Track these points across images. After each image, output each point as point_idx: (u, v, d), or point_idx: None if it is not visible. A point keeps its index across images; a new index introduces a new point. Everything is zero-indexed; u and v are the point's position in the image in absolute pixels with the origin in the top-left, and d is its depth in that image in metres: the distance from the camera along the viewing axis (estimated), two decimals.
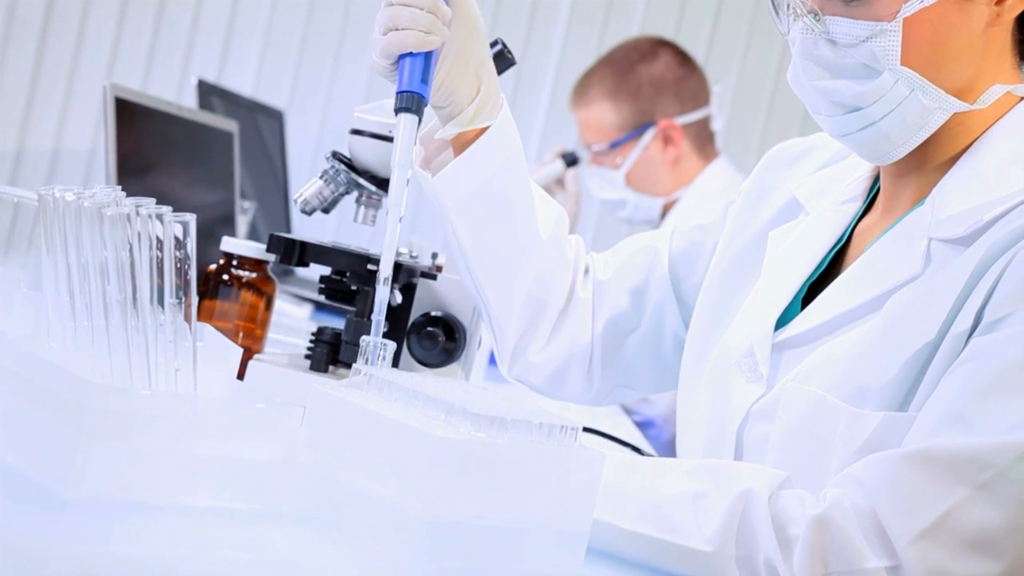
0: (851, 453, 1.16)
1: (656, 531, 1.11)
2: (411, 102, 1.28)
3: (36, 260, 1.12)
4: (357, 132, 1.50)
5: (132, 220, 0.98)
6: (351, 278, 1.48)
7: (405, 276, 1.48)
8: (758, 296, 1.36)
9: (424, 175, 1.36)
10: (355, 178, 1.51)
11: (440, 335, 1.49)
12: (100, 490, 0.91)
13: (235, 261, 1.62)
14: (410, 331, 1.49)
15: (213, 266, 1.63)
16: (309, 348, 1.49)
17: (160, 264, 0.98)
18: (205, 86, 2.98)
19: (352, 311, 1.47)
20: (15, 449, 0.96)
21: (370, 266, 1.45)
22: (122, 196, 1.03)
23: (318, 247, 1.49)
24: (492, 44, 1.43)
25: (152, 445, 0.93)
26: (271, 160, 3.31)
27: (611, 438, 1.65)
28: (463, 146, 1.37)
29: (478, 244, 1.40)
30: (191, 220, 0.97)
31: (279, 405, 1.02)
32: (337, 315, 2.46)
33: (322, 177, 1.52)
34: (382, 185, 1.52)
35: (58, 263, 1.05)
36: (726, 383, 1.32)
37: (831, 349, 1.23)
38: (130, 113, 2.07)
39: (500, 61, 1.43)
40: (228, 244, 1.62)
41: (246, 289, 1.62)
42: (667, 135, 3.01)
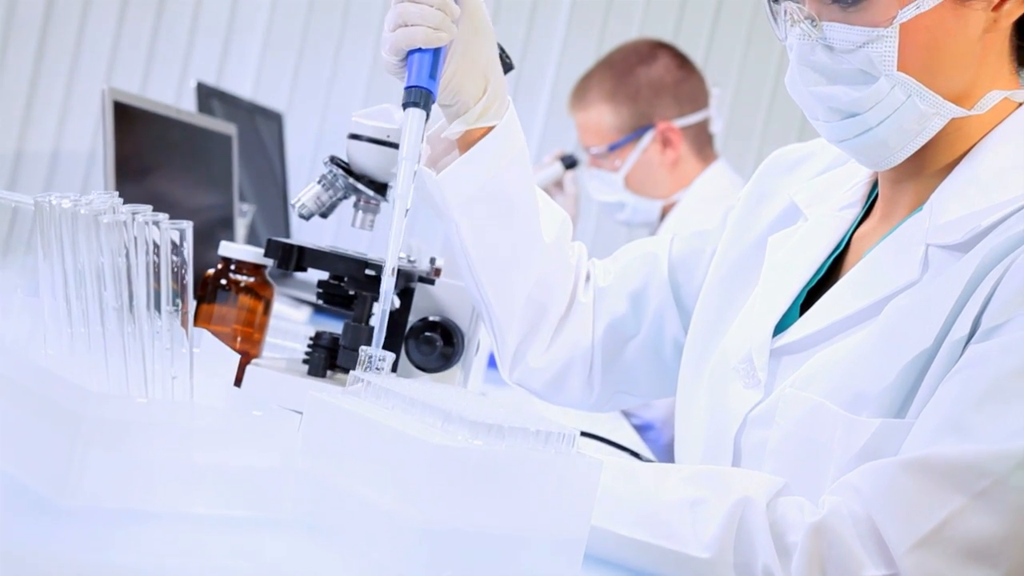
0: (848, 460, 1.16)
1: (654, 538, 1.11)
2: (419, 97, 1.28)
3: (34, 264, 1.12)
4: (355, 137, 1.50)
5: (129, 226, 0.98)
6: (349, 283, 1.48)
7: (403, 281, 1.47)
8: (757, 302, 1.35)
9: (429, 172, 1.36)
10: (353, 183, 1.51)
11: (438, 340, 1.49)
12: (97, 498, 0.91)
13: (233, 265, 1.62)
14: (408, 336, 1.49)
15: (211, 270, 1.63)
16: (307, 353, 1.49)
17: (157, 270, 0.98)
18: (204, 88, 2.98)
19: (350, 316, 1.47)
20: (12, 457, 0.96)
21: (368, 271, 1.45)
22: (119, 203, 1.03)
23: (316, 252, 1.48)
24: None
25: (149, 453, 0.93)
26: (270, 162, 3.31)
27: (609, 443, 1.65)
28: (468, 145, 1.37)
29: (481, 243, 1.40)
30: (188, 227, 0.97)
31: (276, 412, 1.02)
32: (336, 318, 2.46)
33: (320, 182, 1.52)
34: (380, 190, 1.52)
35: (55, 269, 1.05)
36: (724, 388, 1.32)
37: (829, 355, 1.23)
38: (129, 117, 2.07)
39: None
40: (226, 249, 1.62)
41: (244, 293, 1.62)
42: (666, 137, 3.01)
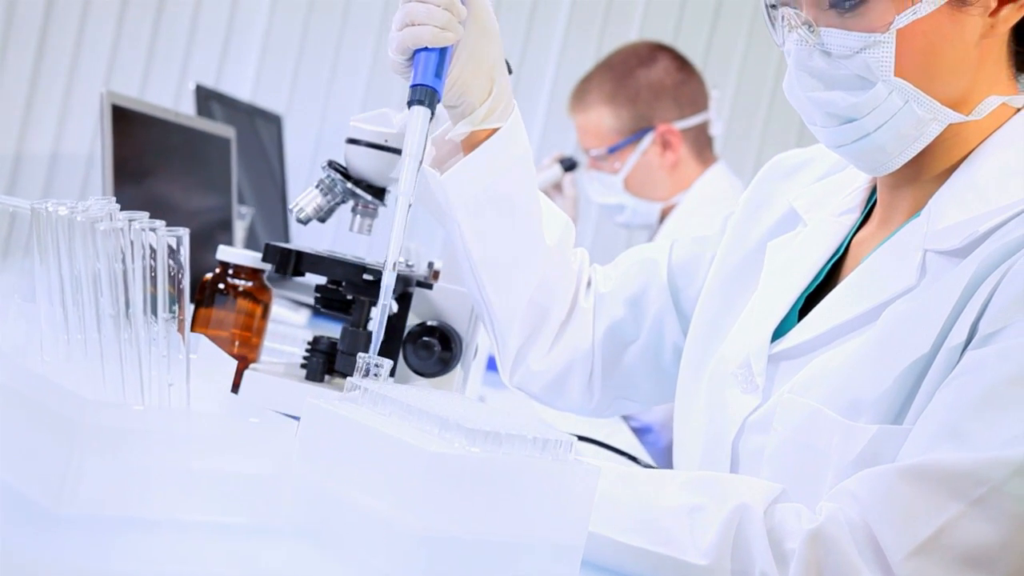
0: (846, 466, 1.16)
1: (652, 544, 1.11)
2: (424, 95, 1.29)
3: (32, 268, 1.12)
4: (353, 141, 1.50)
5: (125, 233, 0.98)
6: (347, 287, 1.48)
7: (401, 286, 1.47)
8: (755, 307, 1.35)
9: (433, 173, 1.36)
10: (351, 188, 1.50)
11: (436, 345, 1.48)
12: (94, 506, 0.91)
13: (231, 270, 1.61)
14: (406, 340, 1.49)
15: (209, 275, 1.62)
16: (305, 357, 1.49)
17: (154, 275, 0.98)
18: (203, 91, 2.98)
19: (348, 320, 1.47)
20: (8, 465, 0.96)
21: (366, 275, 1.44)
22: (116, 209, 1.03)
23: (314, 257, 1.48)
24: None
25: (146, 460, 0.93)
26: (269, 164, 3.31)
27: (607, 447, 1.65)
28: (473, 147, 1.37)
29: (483, 245, 1.40)
30: (185, 234, 0.97)
31: (273, 419, 1.02)
32: (335, 320, 2.46)
33: (318, 187, 1.52)
34: (378, 194, 1.52)
35: (51, 275, 1.05)
36: (722, 394, 1.32)
37: (827, 361, 1.23)
38: (127, 120, 2.07)
39: None
40: (224, 253, 1.62)
41: (242, 298, 1.62)
42: (665, 140, 3.01)
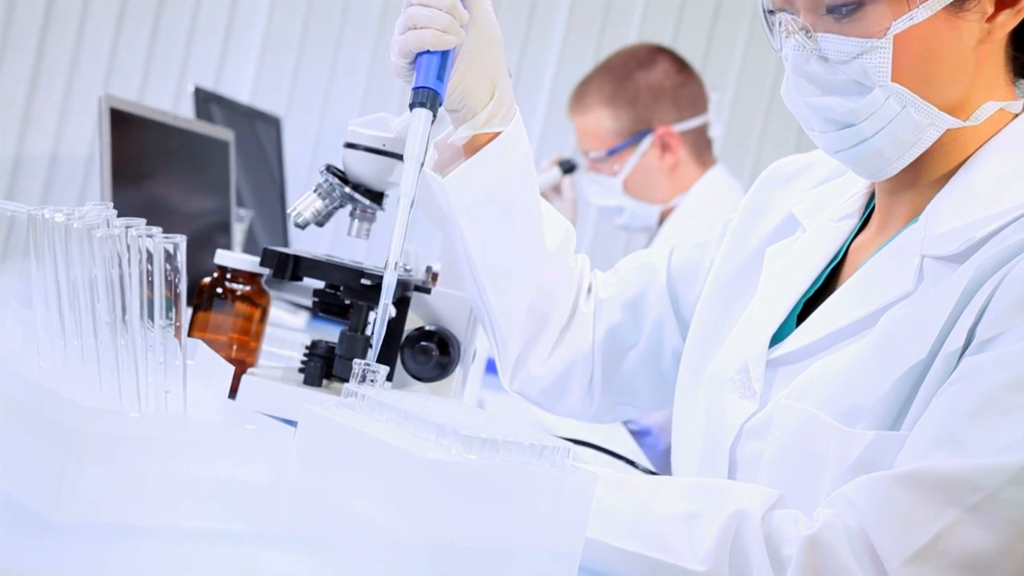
0: (843, 471, 1.16)
1: (650, 550, 1.11)
2: (426, 97, 1.29)
3: (30, 272, 1.12)
4: (351, 146, 1.50)
5: (122, 240, 0.98)
6: (345, 292, 1.48)
7: (399, 290, 1.47)
8: (754, 312, 1.36)
9: (435, 176, 1.37)
10: (349, 192, 1.50)
11: (434, 349, 1.48)
12: (91, 513, 0.91)
13: (229, 274, 1.61)
14: (404, 345, 1.49)
15: (207, 279, 1.62)
16: (303, 362, 1.49)
17: (150, 278, 0.97)
18: (202, 93, 2.98)
19: (346, 324, 1.47)
20: (5, 472, 0.95)
21: (364, 280, 1.44)
22: (113, 215, 1.03)
23: (311, 261, 1.48)
24: None
25: (142, 467, 0.93)
26: (269, 166, 3.31)
27: (605, 451, 1.65)
28: (474, 151, 1.38)
29: (484, 248, 1.40)
30: (182, 241, 0.97)
31: (270, 425, 1.02)
32: (334, 323, 2.45)
33: (316, 191, 1.52)
34: (376, 199, 1.51)
35: (48, 281, 1.05)
36: (720, 399, 1.32)
37: (824, 366, 1.23)
38: (125, 123, 2.07)
39: None
40: (222, 257, 1.62)
41: (240, 302, 1.62)
42: (665, 142, 3.01)
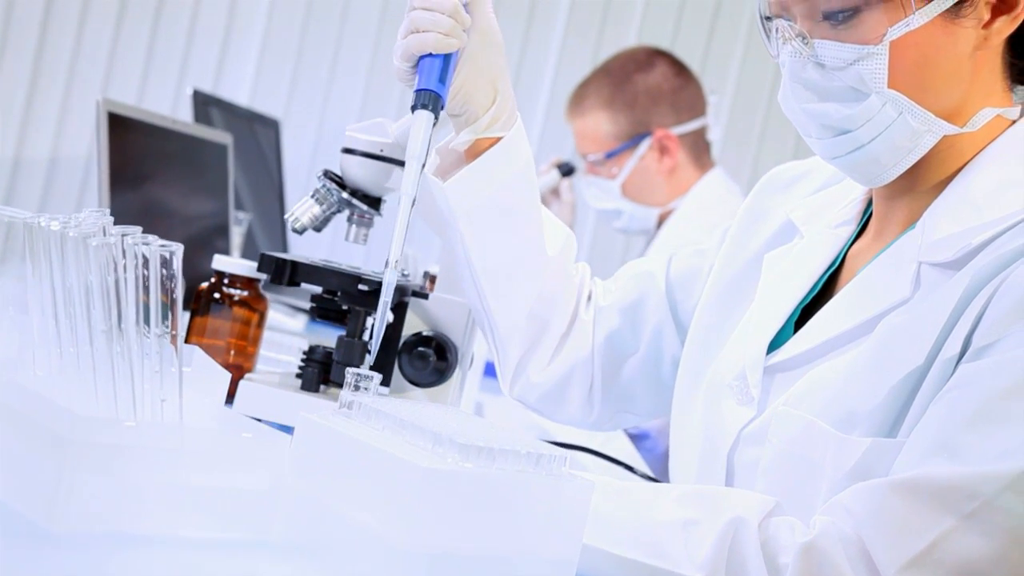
0: (840, 478, 1.16)
1: (647, 557, 1.11)
2: (428, 99, 1.30)
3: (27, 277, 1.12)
4: (348, 151, 1.49)
5: (117, 247, 0.97)
6: (342, 298, 1.48)
7: (397, 295, 1.47)
8: (752, 318, 1.35)
9: (436, 180, 1.37)
10: (347, 197, 1.50)
11: (431, 355, 1.48)
12: (86, 522, 0.91)
13: (227, 279, 1.61)
14: (401, 350, 1.49)
15: (205, 284, 1.62)
16: (300, 367, 1.49)
17: (146, 283, 0.97)
18: (201, 96, 2.97)
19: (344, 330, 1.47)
20: (0, 481, 0.95)
21: (362, 286, 1.44)
22: (109, 222, 1.03)
23: (309, 267, 1.48)
24: None
25: (138, 477, 0.93)
26: (268, 169, 3.31)
27: (603, 456, 1.65)
28: (476, 156, 1.38)
29: (484, 253, 1.40)
30: (178, 249, 0.97)
31: (266, 433, 1.02)
32: (333, 326, 2.45)
33: (314, 196, 1.52)
34: (374, 204, 1.51)
35: (43, 287, 1.05)
36: (718, 405, 1.32)
37: (821, 373, 1.23)
38: (123, 127, 2.07)
39: None
40: (219, 262, 1.62)
41: (238, 307, 1.62)
42: (663, 145, 3.01)
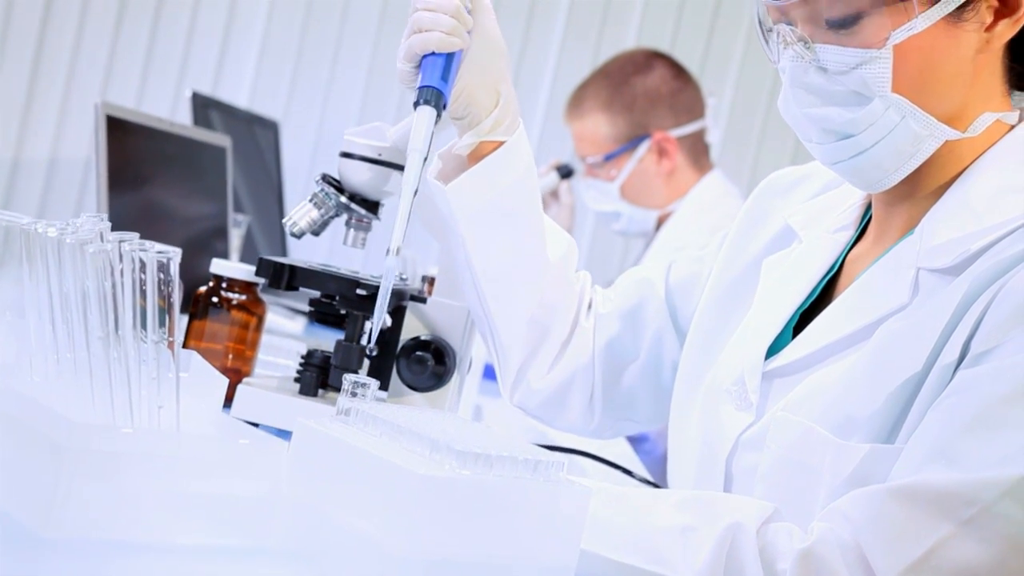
0: (838, 484, 1.16)
1: (645, 563, 1.10)
2: (430, 96, 1.30)
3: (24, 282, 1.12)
4: (347, 155, 1.49)
5: (114, 254, 0.97)
6: (340, 302, 1.47)
7: (395, 300, 1.47)
8: (750, 324, 1.35)
9: (437, 184, 1.36)
10: (345, 202, 1.50)
11: (429, 359, 1.48)
12: (83, 529, 0.90)
13: (225, 283, 1.61)
14: (399, 355, 1.49)
15: (203, 288, 1.62)
16: (298, 371, 1.49)
17: (144, 292, 0.97)
18: (200, 98, 2.97)
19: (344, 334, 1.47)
20: None
21: (360, 290, 1.44)
22: (107, 227, 1.03)
23: (307, 271, 1.48)
24: None
25: (135, 483, 0.92)
26: (267, 171, 3.30)
27: (601, 460, 1.64)
28: (478, 159, 1.38)
29: (486, 258, 1.40)
30: (175, 255, 0.97)
31: (263, 440, 1.02)
32: (332, 329, 2.45)
33: (312, 200, 1.51)
34: (372, 208, 1.51)
35: (40, 293, 1.04)
36: (716, 410, 1.32)
37: (820, 379, 1.23)
38: (122, 130, 2.07)
39: None
40: (218, 266, 1.61)
41: (236, 311, 1.62)
42: (662, 147, 3.01)
